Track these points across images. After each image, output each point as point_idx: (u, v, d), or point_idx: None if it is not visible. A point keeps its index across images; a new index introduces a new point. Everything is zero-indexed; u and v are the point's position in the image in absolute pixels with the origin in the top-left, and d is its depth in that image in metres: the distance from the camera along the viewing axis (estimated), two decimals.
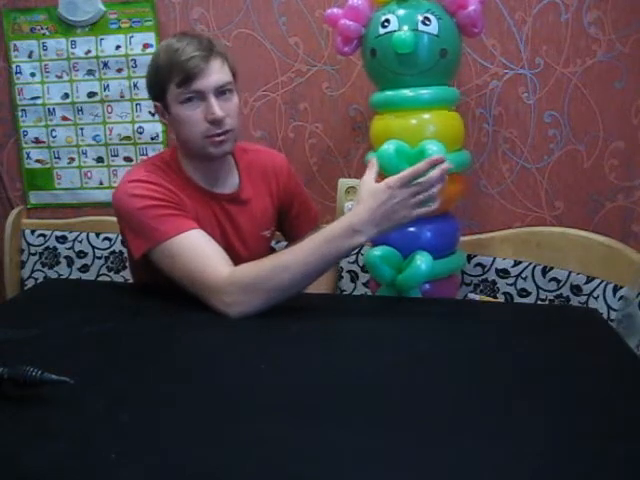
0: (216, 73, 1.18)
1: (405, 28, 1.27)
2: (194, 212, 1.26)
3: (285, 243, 1.58)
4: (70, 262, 1.95)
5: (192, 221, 1.19)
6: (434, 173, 1.06)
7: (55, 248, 1.95)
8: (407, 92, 1.32)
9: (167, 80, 1.19)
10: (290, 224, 1.48)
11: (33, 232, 1.97)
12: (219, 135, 1.20)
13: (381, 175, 1.31)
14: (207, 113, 1.18)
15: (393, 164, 1.25)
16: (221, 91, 1.20)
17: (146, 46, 1.80)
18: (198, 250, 1.15)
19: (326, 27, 1.67)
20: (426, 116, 1.33)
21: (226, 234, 1.32)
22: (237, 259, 1.35)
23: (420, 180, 1.06)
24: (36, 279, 1.97)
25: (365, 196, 1.09)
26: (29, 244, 1.97)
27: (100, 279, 1.91)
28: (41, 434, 0.73)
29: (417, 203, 1.06)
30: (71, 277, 1.93)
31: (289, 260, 1.10)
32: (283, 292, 1.09)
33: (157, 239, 1.15)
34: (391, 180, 1.07)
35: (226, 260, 1.15)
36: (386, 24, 1.29)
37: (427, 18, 1.26)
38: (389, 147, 1.25)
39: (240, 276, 1.11)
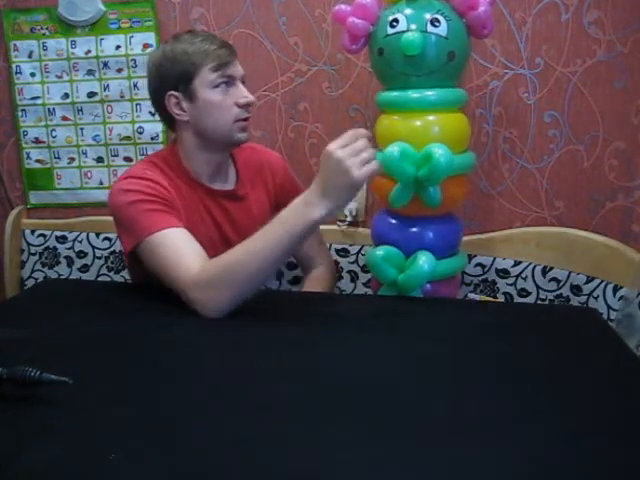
0: (239, 64, 1.27)
1: (413, 28, 1.26)
2: (186, 209, 1.26)
3: None
4: (70, 262, 1.94)
5: (177, 219, 1.19)
6: (361, 142, 1.03)
7: (55, 248, 1.95)
8: (413, 93, 1.31)
9: (199, 65, 1.22)
10: None
11: (33, 232, 1.97)
12: (246, 120, 1.27)
13: (386, 177, 1.31)
14: (238, 97, 1.24)
15: (398, 167, 1.25)
16: (243, 81, 1.28)
17: (146, 46, 1.80)
18: (175, 247, 1.15)
19: (326, 27, 1.67)
20: (431, 118, 1.32)
21: (223, 230, 1.33)
22: None
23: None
24: (36, 279, 1.97)
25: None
26: (29, 244, 1.97)
27: (100, 279, 1.91)
28: (40, 434, 0.73)
29: (362, 162, 1.01)
30: (71, 277, 1.93)
31: (251, 247, 1.09)
32: (251, 281, 1.09)
33: (142, 233, 1.17)
34: (331, 144, 1.04)
35: (202, 258, 1.14)
36: (395, 24, 1.28)
37: (436, 19, 1.26)
38: (394, 150, 1.24)
39: (207, 270, 1.10)
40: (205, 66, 1.22)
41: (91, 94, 1.87)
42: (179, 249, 1.15)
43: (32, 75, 1.89)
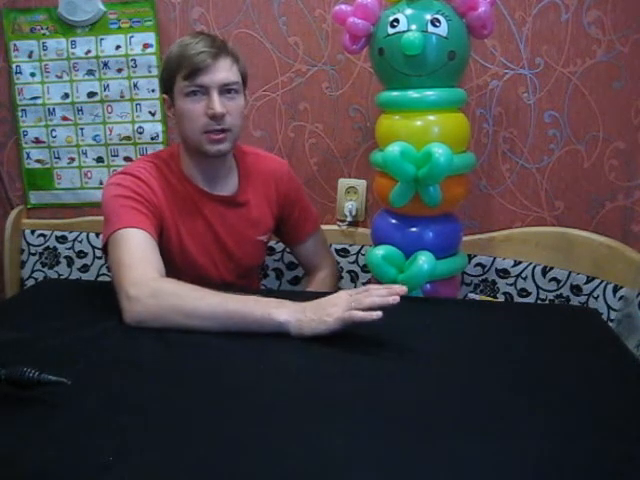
0: (224, 71, 1.21)
1: (414, 28, 1.26)
2: (180, 210, 1.27)
3: (278, 244, 1.59)
4: (70, 262, 1.94)
5: (153, 227, 1.20)
6: (381, 290, 1.02)
7: (55, 248, 1.95)
8: (413, 93, 1.31)
9: (175, 72, 1.21)
10: (290, 229, 1.49)
11: (33, 232, 1.97)
12: (217, 133, 1.21)
13: (387, 176, 1.31)
14: (207, 108, 1.19)
15: (398, 166, 1.25)
16: (226, 89, 1.22)
17: (146, 46, 1.80)
18: (141, 249, 1.15)
19: (326, 27, 1.67)
20: (431, 117, 1.31)
21: (218, 235, 1.33)
22: (232, 260, 1.37)
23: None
24: (36, 279, 1.97)
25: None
26: (29, 244, 1.97)
27: (100, 279, 1.91)
28: (38, 435, 0.73)
29: (351, 303, 0.99)
30: (71, 277, 1.93)
31: (208, 296, 1.05)
32: (184, 319, 1.04)
33: (115, 225, 1.17)
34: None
35: (160, 272, 1.14)
36: (395, 24, 1.28)
37: (437, 19, 1.25)
38: (394, 149, 1.24)
39: (161, 282, 1.09)
40: (179, 73, 1.21)
41: (91, 94, 1.87)
42: (145, 252, 1.15)
43: (32, 75, 1.89)
